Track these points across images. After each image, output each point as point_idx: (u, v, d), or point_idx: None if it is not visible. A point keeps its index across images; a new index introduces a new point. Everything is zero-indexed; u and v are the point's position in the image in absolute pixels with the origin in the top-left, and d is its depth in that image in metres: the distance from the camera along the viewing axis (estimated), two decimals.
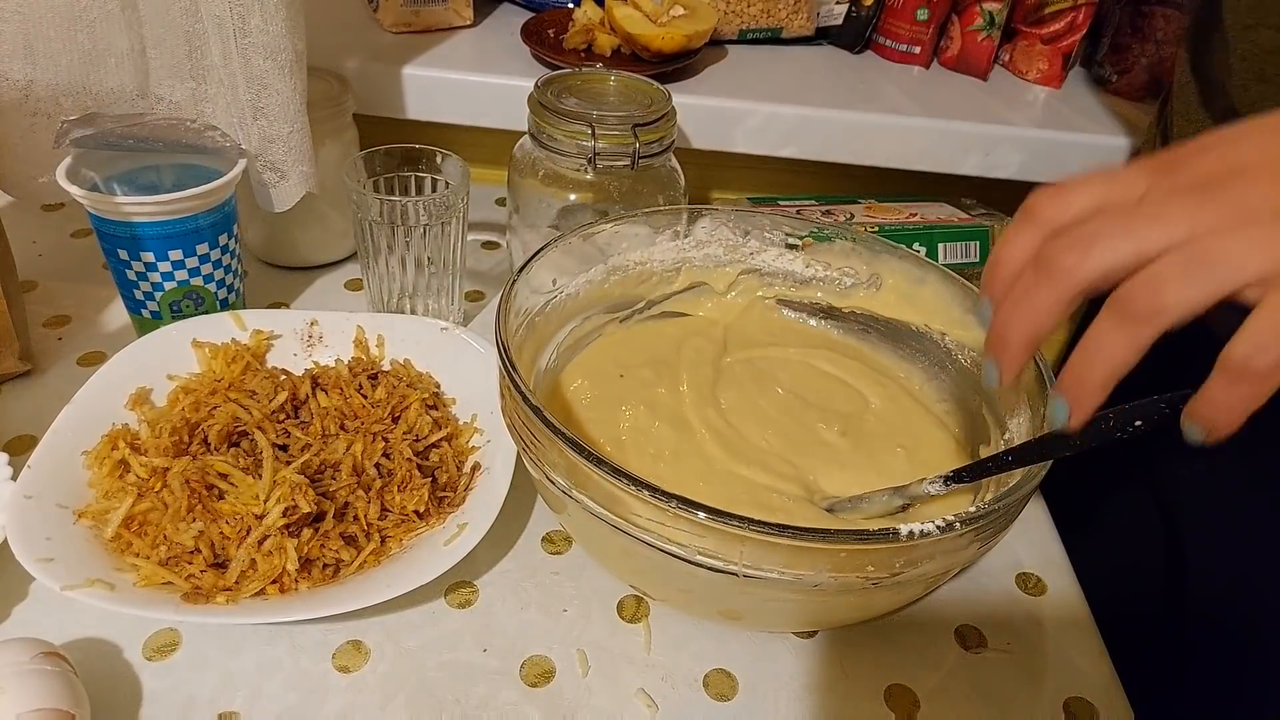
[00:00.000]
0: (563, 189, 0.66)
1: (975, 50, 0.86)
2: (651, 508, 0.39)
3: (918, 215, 0.75)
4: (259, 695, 0.44)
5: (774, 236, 0.61)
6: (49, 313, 0.66)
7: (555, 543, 0.53)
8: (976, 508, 0.40)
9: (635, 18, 0.78)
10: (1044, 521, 0.58)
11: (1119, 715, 0.47)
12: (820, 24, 0.89)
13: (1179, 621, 0.58)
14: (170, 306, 0.60)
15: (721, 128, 0.78)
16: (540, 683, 0.46)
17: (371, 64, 0.77)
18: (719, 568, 0.39)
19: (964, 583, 0.53)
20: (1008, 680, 0.48)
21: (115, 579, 0.44)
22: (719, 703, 0.46)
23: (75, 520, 0.47)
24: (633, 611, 0.50)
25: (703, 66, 0.83)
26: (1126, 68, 0.86)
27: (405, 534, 0.50)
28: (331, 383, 0.56)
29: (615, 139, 0.63)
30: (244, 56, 0.60)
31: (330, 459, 0.51)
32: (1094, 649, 0.50)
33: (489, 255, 0.80)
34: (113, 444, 0.50)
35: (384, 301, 0.65)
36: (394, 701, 0.44)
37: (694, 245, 0.61)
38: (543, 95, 0.65)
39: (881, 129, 0.78)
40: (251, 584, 0.45)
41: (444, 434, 0.55)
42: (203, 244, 0.59)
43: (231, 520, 0.47)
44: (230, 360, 0.57)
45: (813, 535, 0.38)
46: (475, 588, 0.50)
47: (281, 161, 0.64)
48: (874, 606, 0.46)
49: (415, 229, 0.61)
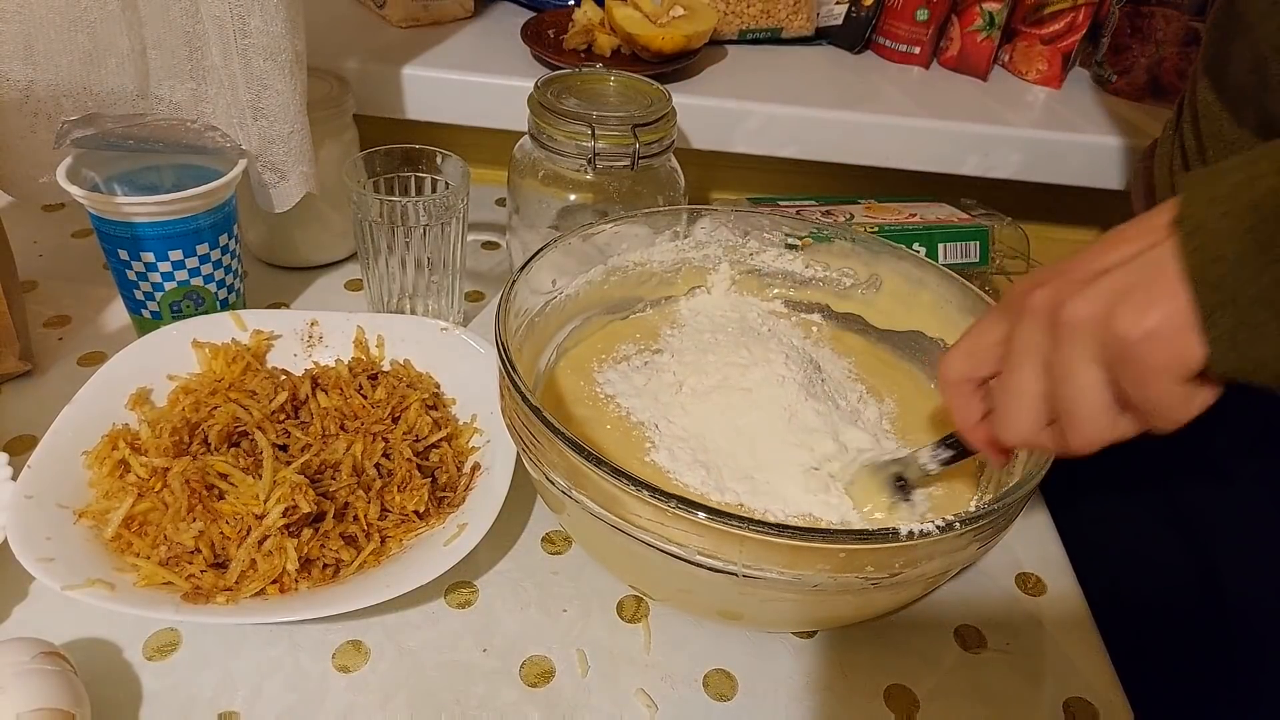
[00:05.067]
0: (563, 189, 0.66)
1: (975, 50, 0.86)
2: (651, 508, 0.39)
3: (917, 215, 0.75)
4: (259, 695, 0.44)
5: (774, 237, 0.61)
6: (49, 313, 0.66)
7: (555, 543, 0.53)
8: (976, 508, 0.40)
9: (635, 18, 0.78)
10: (1044, 521, 0.58)
11: (1119, 715, 0.47)
12: (820, 24, 0.89)
13: (1179, 622, 0.58)
14: (170, 307, 0.60)
15: (721, 128, 0.78)
16: (540, 683, 0.46)
17: (371, 64, 0.77)
18: (719, 568, 0.40)
19: (964, 583, 0.53)
20: (1007, 680, 0.48)
21: (115, 579, 0.44)
22: (719, 703, 0.46)
23: (75, 520, 0.47)
24: (632, 611, 0.50)
25: (703, 67, 0.83)
26: (1126, 68, 0.86)
27: (405, 534, 0.50)
28: (331, 383, 0.56)
29: (615, 139, 0.63)
30: (244, 57, 0.60)
31: (330, 459, 0.51)
32: (1094, 649, 0.50)
33: (489, 255, 0.80)
34: (113, 444, 0.50)
35: (384, 302, 0.66)
36: (394, 701, 0.44)
37: (694, 246, 0.61)
38: (543, 95, 0.65)
39: (881, 129, 0.78)
40: (251, 584, 0.45)
41: (444, 434, 0.55)
42: (203, 244, 0.59)
43: (231, 520, 0.47)
44: (230, 360, 0.57)
45: (812, 535, 0.38)
46: (475, 588, 0.50)
47: (281, 162, 0.64)
48: (874, 606, 0.46)
49: (415, 229, 0.61)
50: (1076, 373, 0.34)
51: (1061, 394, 0.35)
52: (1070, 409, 0.35)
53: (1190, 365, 0.32)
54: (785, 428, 0.51)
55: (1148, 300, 0.32)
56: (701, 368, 0.55)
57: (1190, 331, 0.31)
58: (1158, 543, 0.60)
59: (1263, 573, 0.53)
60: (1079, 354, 0.34)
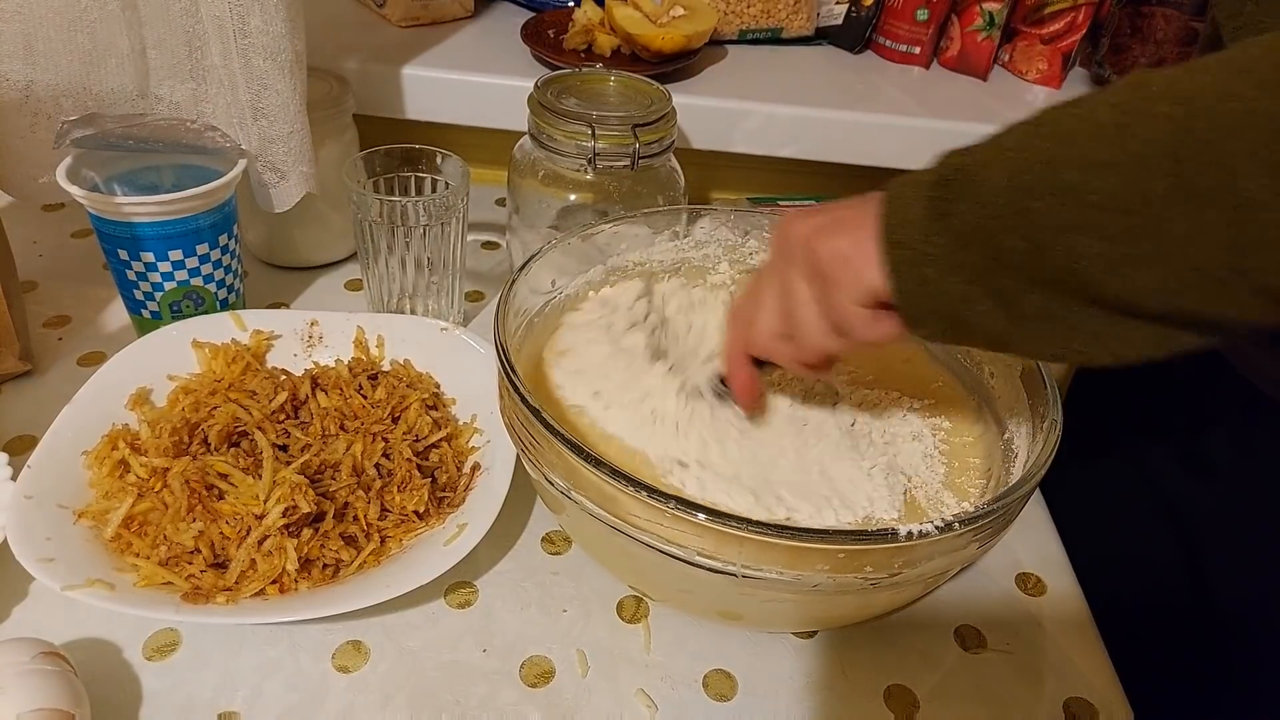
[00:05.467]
0: (563, 189, 0.66)
1: (975, 50, 0.86)
2: (650, 508, 0.39)
3: None
4: (259, 695, 0.44)
5: None
6: (49, 313, 0.66)
7: (555, 543, 0.53)
8: (976, 508, 0.40)
9: (635, 18, 0.78)
10: (1044, 521, 0.58)
11: (1119, 715, 0.47)
12: (820, 24, 0.89)
13: (1179, 621, 0.58)
14: (170, 307, 0.60)
15: (721, 128, 0.78)
16: (540, 683, 0.46)
17: (371, 64, 0.77)
18: (718, 568, 0.39)
19: (964, 583, 0.53)
20: (1008, 680, 0.48)
21: (115, 579, 0.44)
22: (719, 703, 0.46)
23: (75, 520, 0.47)
24: (632, 611, 0.50)
25: (703, 66, 0.83)
26: (1126, 68, 0.86)
27: (405, 534, 0.50)
28: (331, 383, 0.56)
29: (615, 139, 0.63)
30: (244, 57, 0.60)
31: (330, 459, 0.51)
32: (1094, 649, 0.50)
33: (489, 255, 0.80)
34: (113, 444, 0.50)
35: (384, 302, 0.65)
36: (394, 701, 0.44)
37: (693, 245, 0.61)
38: (543, 95, 0.65)
39: (881, 129, 0.78)
40: (251, 584, 0.45)
41: (444, 434, 0.55)
42: (203, 244, 0.59)
43: (231, 520, 0.47)
44: (230, 360, 0.57)
45: (812, 535, 0.38)
46: (475, 588, 0.50)
47: (281, 162, 0.64)
48: (873, 606, 0.46)
49: (415, 229, 0.61)
50: (793, 287, 0.41)
51: (787, 306, 0.41)
52: (792, 319, 0.41)
53: (867, 287, 0.37)
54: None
55: (842, 230, 0.38)
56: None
57: (870, 260, 0.37)
58: (1158, 543, 0.60)
59: (1262, 573, 0.53)
60: (795, 271, 0.41)
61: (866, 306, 0.38)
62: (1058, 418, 0.45)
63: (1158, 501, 0.60)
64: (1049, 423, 0.45)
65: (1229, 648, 0.56)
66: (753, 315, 0.44)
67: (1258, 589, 0.54)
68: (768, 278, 0.43)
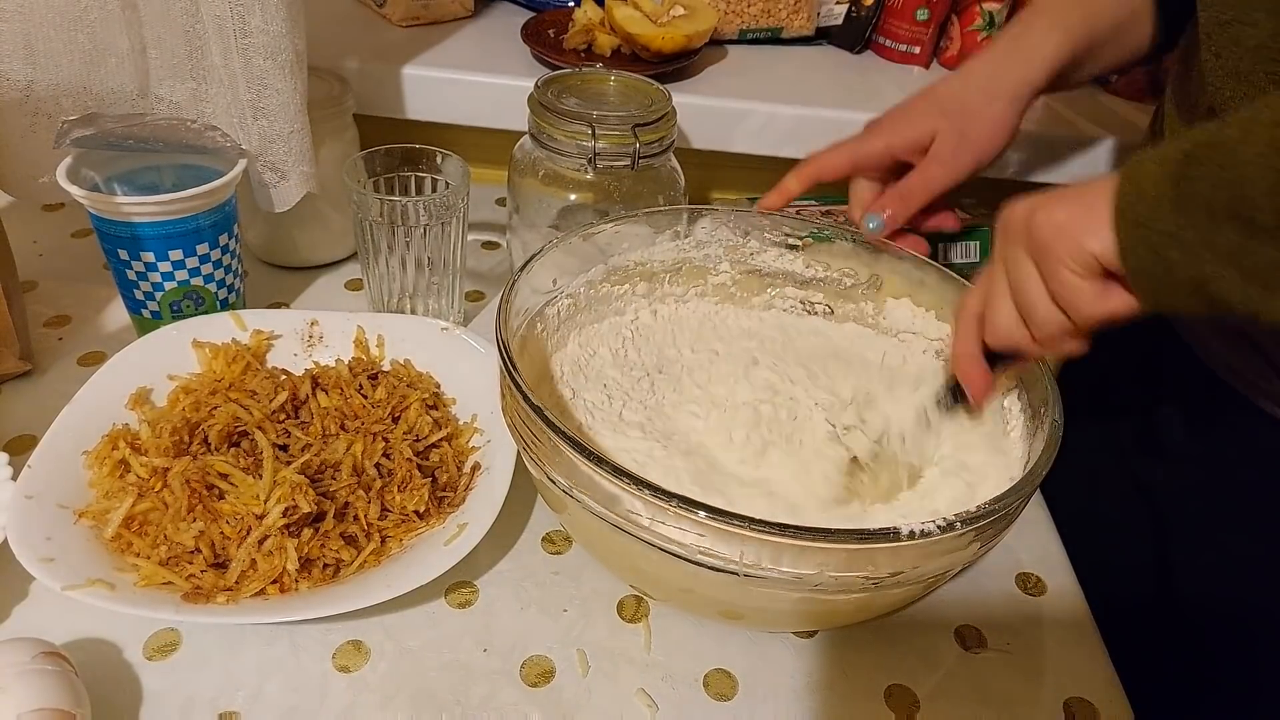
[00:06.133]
0: (563, 189, 0.66)
1: (975, 50, 0.86)
2: (651, 507, 0.39)
3: None
4: (259, 695, 0.44)
5: (774, 237, 0.61)
6: (49, 313, 0.66)
7: (555, 543, 0.53)
8: (976, 508, 0.40)
9: (635, 18, 0.78)
10: (1044, 521, 0.58)
11: (1119, 715, 0.47)
12: (820, 24, 0.89)
13: (1179, 621, 0.58)
14: (170, 306, 0.60)
15: (721, 128, 0.78)
16: (540, 683, 0.46)
17: (372, 64, 0.77)
18: (719, 567, 0.40)
19: (964, 583, 0.53)
20: (1008, 680, 0.48)
21: (115, 579, 0.44)
22: (719, 702, 0.46)
23: (76, 520, 0.47)
24: (633, 611, 0.50)
25: (703, 66, 0.83)
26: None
27: (405, 534, 0.50)
28: (332, 383, 0.56)
29: (615, 139, 0.63)
30: (244, 56, 0.60)
31: (330, 459, 0.51)
32: (1094, 649, 0.50)
33: (489, 255, 0.80)
34: (113, 444, 0.50)
35: (384, 301, 0.65)
36: (394, 701, 0.44)
37: (694, 245, 0.61)
38: (543, 95, 0.65)
39: None
40: (252, 584, 0.45)
41: (444, 434, 0.55)
42: (203, 244, 0.59)
43: (232, 520, 0.47)
44: (230, 360, 0.57)
45: (813, 535, 0.38)
46: (475, 588, 0.50)
47: (282, 161, 0.64)
48: (874, 606, 0.46)
49: (415, 229, 0.61)
50: (1018, 265, 0.40)
51: (1015, 284, 0.41)
52: (1021, 301, 0.41)
53: (1085, 255, 0.36)
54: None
55: (1062, 202, 0.38)
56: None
57: (1087, 228, 0.36)
58: (1158, 543, 0.60)
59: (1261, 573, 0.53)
60: (1018, 250, 0.40)
61: (1088, 278, 0.37)
62: (1058, 417, 0.45)
63: (1158, 502, 0.60)
64: (1049, 422, 0.45)
65: (1229, 647, 0.56)
66: (986, 306, 0.44)
67: (1258, 588, 0.54)
68: (995, 267, 0.43)
